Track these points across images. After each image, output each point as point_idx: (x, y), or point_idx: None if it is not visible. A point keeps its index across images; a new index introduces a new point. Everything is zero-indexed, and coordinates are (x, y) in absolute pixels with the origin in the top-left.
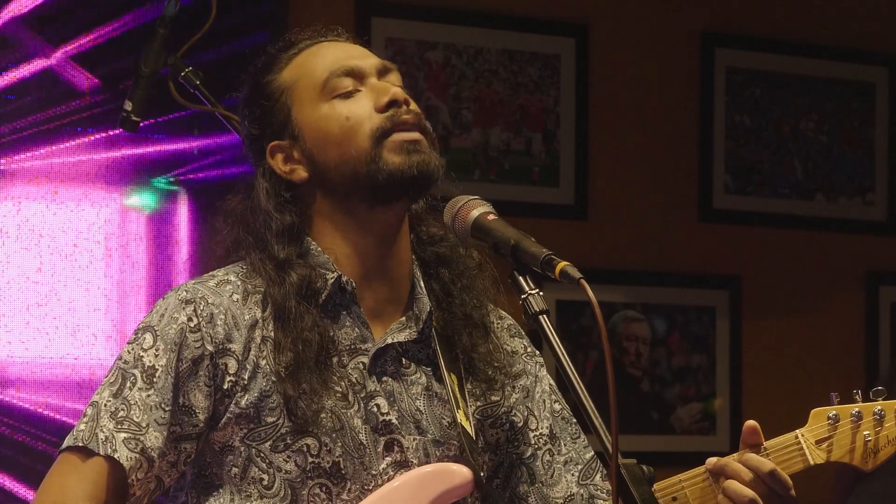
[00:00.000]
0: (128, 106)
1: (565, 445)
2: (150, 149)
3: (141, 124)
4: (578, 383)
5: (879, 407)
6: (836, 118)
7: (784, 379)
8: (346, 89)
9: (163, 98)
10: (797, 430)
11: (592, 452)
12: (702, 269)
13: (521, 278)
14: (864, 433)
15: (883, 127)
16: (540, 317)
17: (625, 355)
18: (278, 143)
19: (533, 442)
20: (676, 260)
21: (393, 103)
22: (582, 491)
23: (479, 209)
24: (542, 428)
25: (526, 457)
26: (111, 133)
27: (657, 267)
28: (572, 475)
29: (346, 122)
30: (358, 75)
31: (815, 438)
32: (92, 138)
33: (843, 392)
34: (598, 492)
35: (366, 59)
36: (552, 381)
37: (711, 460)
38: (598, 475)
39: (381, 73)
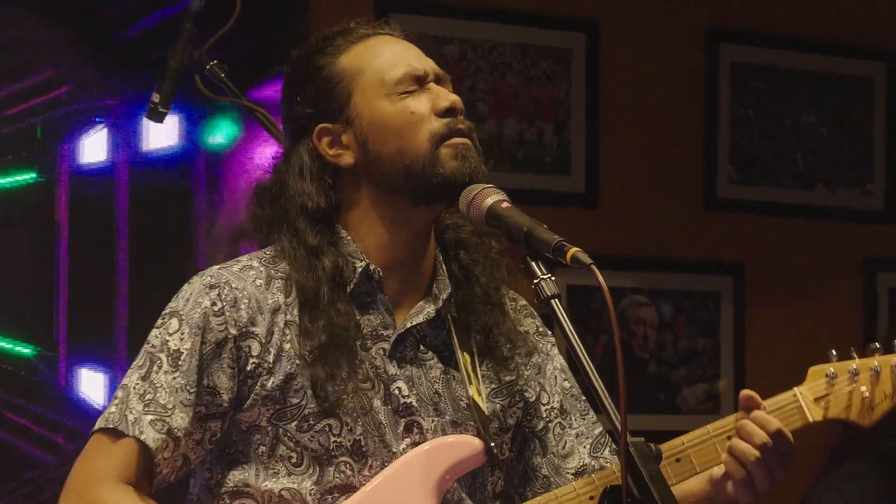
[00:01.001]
0: (155, 98)
1: (575, 420)
2: None
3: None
4: (589, 364)
5: (876, 363)
6: (836, 112)
7: (785, 361)
8: (411, 88)
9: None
10: (795, 388)
11: (601, 428)
12: (707, 256)
13: (533, 263)
14: (862, 389)
15: (881, 120)
16: (552, 300)
17: (633, 338)
18: (328, 125)
19: (544, 415)
20: (682, 247)
21: (451, 111)
22: (593, 463)
23: (493, 197)
24: (552, 402)
25: (538, 430)
26: None
27: (664, 254)
28: (584, 447)
29: (411, 116)
30: (421, 78)
31: (814, 396)
32: None
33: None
34: (608, 464)
35: (426, 63)
36: (563, 360)
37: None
38: (607, 449)
39: (438, 79)
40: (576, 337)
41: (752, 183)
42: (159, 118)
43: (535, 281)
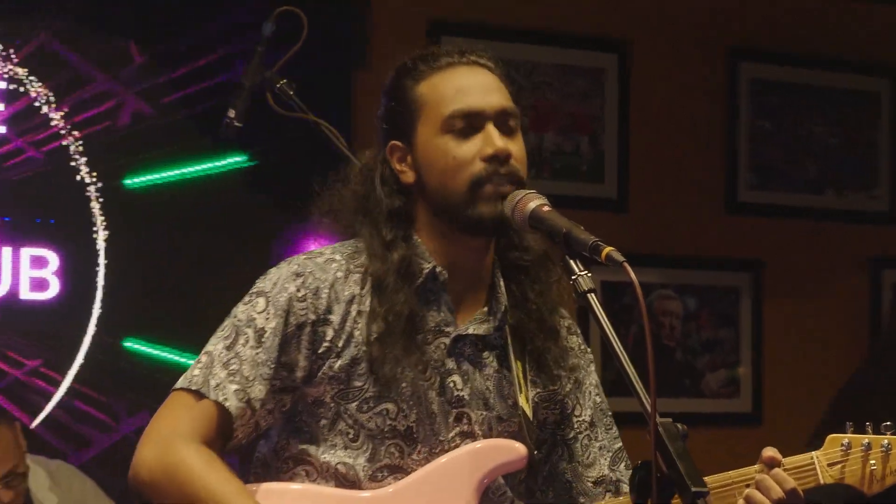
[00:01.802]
0: (231, 114)
1: (601, 433)
2: None
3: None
4: (622, 352)
5: (887, 441)
6: (845, 123)
7: (799, 350)
8: (461, 127)
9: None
10: (813, 452)
11: (620, 443)
12: (727, 254)
13: (571, 262)
14: (871, 462)
15: (886, 130)
16: (588, 295)
17: (661, 329)
18: (399, 143)
19: (575, 426)
20: (705, 246)
21: (494, 158)
22: (611, 475)
23: (535, 201)
24: (584, 416)
25: (568, 438)
26: None
27: (689, 252)
28: (605, 460)
29: (453, 161)
30: (476, 118)
31: (829, 461)
32: None
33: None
34: (623, 478)
35: (489, 100)
36: (597, 377)
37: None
38: (623, 464)
39: (499, 117)
40: (610, 327)
41: (768, 188)
42: (233, 132)
43: (573, 277)
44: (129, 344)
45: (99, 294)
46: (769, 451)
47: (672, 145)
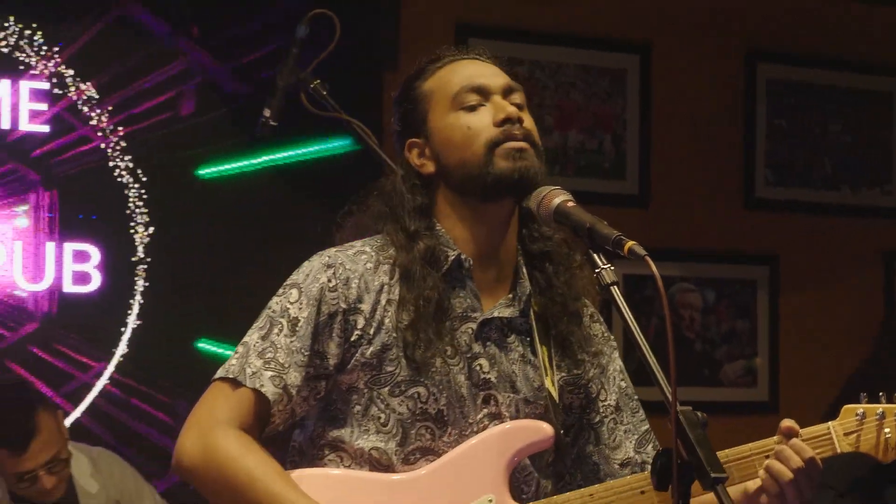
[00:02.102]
0: (266, 113)
1: (626, 417)
2: None
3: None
4: (643, 343)
5: None
6: (859, 122)
7: (814, 341)
8: (471, 103)
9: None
10: (829, 423)
11: (648, 426)
12: (745, 249)
13: (595, 255)
14: (886, 430)
15: None
16: (611, 287)
17: (681, 321)
18: (415, 140)
19: (601, 411)
20: (724, 241)
21: (507, 120)
22: (637, 457)
23: (560, 197)
24: (609, 400)
25: (594, 422)
26: None
27: (708, 247)
28: (631, 442)
29: (468, 131)
30: (484, 92)
31: (844, 431)
32: None
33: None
34: (648, 459)
35: (494, 79)
36: (621, 363)
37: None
38: (651, 445)
39: (506, 91)
40: (632, 319)
41: (785, 185)
42: (269, 131)
43: (596, 270)
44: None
45: (140, 287)
46: (787, 422)
47: (692, 143)
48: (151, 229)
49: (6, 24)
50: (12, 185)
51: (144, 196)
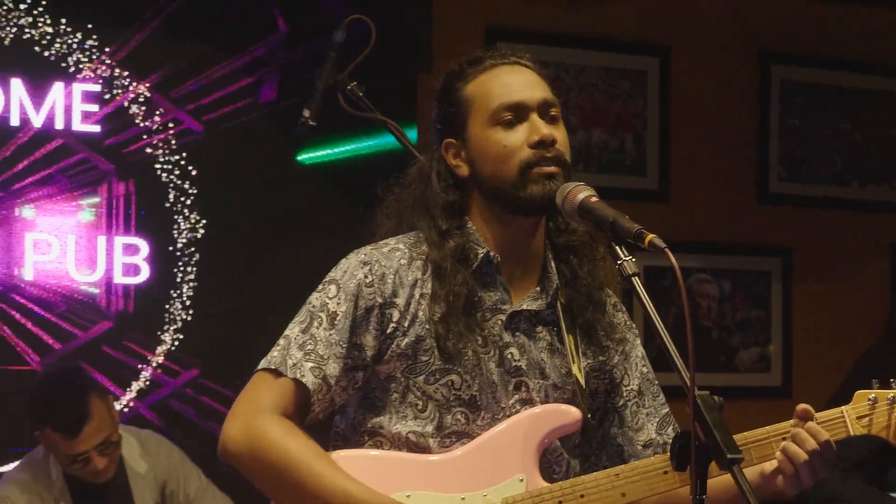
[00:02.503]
0: (306, 113)
1: (648, 401)
2: None
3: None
4: (663, 331)
5: None
6: (868, 121)
7: (825, 329)
8: (507, 119)
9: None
10: (843, 407)
11: (667, 409)
12: (760, 241)
13: (617, 248)
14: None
15: None
16: (632, 278)
17: (698, 310)
18: (453, 140)
19: (624, 395)
20: (739, 234)
21: (541, 143)
22: (658, 438)
23: (584, 193)
24: (632, 385)
25: (618, 406)
26: None
27: (724, 239)
28: (652, 425)
29: (503, 149)
30: (521, 109)
31: (857, 415)
32: None
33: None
34: (670, 439)
35: (532, 93)
36: (643, 350)
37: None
38: (671, 427)
39: (542, 107)
40: (652, 308)
41: (797, 180)
42: (308, 130)
43: (618, 262)
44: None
45: (189, 277)
46: (803, 406)
47: (708, 141)
48: (203, 221)
49: (60, 28)
50: (81, 177)
51: (194, 192)
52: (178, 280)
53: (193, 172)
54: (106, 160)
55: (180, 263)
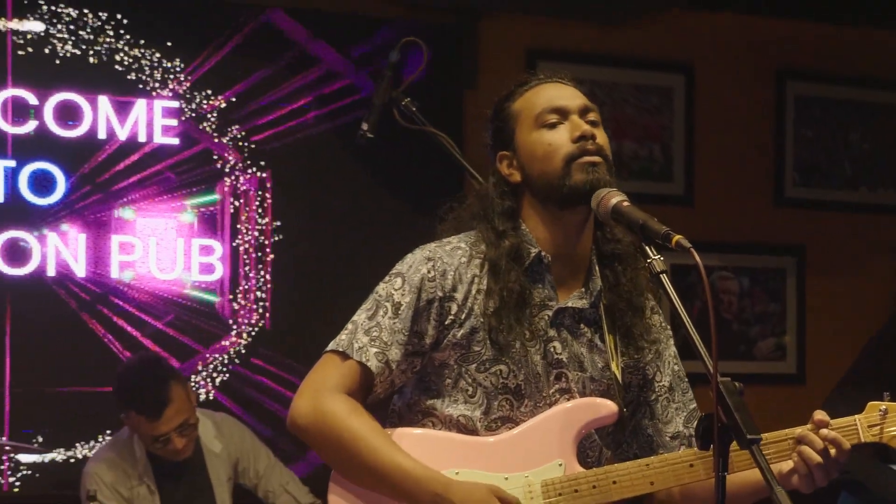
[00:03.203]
0: (364, 126)
1: (678, 396)
2: None
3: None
4: (689, 322)
5: None
6: (876, 131)
7: (836, 321)
8: (551, 121)
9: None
10: (855, 416)
11: (695, 404)
12: (776, 241)
13: (647, 247)
14: None
15: None
16: (661, 275)
17: (720, 304)
18: (504, 153)
19: (656, 390)
20: (758, 234)
21: (582, 137)
22: (685, 430)
23: (616, 198)
24: (664, 381)
25: (650, 400)
26: None
27: (743, 240)
28: (680, 418)
29: (549, 147)
30: (563, 112)
31: (868, 423)
32: None
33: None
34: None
35: (572, 100)
36: (675, 349)
37: (796, 430)
38: (696, 422)
39: (582, 111)
40: (679, 302)
41: (811, 185)
42: (366, 142)
43: (647, 261)
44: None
45: (266, 276)
46: (819, 414)
47: (729, 151)
48: (278, 224)
49: (141, 49)
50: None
51: (270, 199)
52: (255, 277)
53: (268, 182)
54: (190, 169)
55: (259, 263)
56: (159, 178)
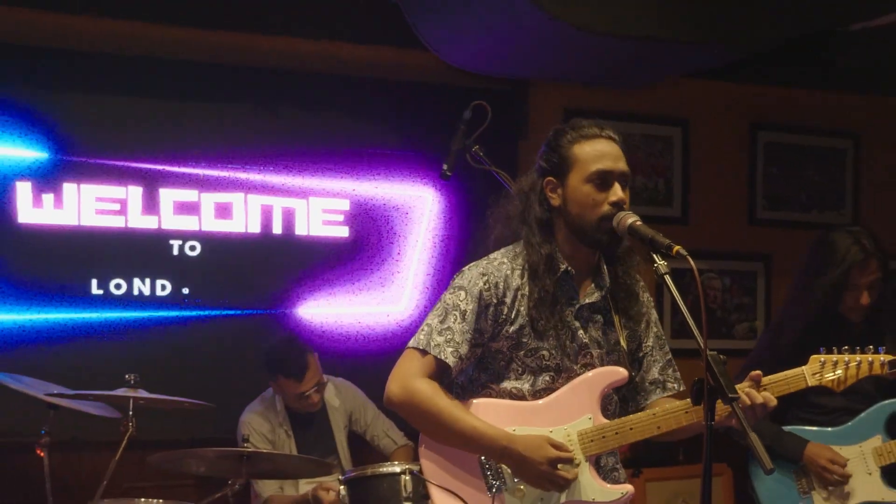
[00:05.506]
0: (445, 166)
1: (656, 352)
2: None
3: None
4: (685, 310)
5: (847, 357)
6: (825, 168)
7: None
8: (599, 182)
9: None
10: (802, 367)
11: (670, 356)
12: (750, 251)
13: (654, 255)
14: (838, 371)
15: (850, 172)
16: (664, 276)
17: (708, 298)
18: (553, 179)
19: (643, 349)
20: (736, 246)
21: (616, 204)
22: (660, 377)
23: (631, 219)
24: (649, 342)
25: (639, 357)
26: None
27: (725, 250)
28: (657, 369)
29: (592, 201)
30: (609, 175)
31: (812, 372)
32: None
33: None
34: (668, 379)
35: (617, 165)
36: (657, 316)
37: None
38: (671, 369)
39: (621, 177)
40: (679, 296)
41: (776, 209)
42: (447, 178)
43: (654, 265)
44: None
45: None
46: (755, 372)
47: (715, 183)
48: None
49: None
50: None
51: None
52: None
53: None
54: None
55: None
56: None
